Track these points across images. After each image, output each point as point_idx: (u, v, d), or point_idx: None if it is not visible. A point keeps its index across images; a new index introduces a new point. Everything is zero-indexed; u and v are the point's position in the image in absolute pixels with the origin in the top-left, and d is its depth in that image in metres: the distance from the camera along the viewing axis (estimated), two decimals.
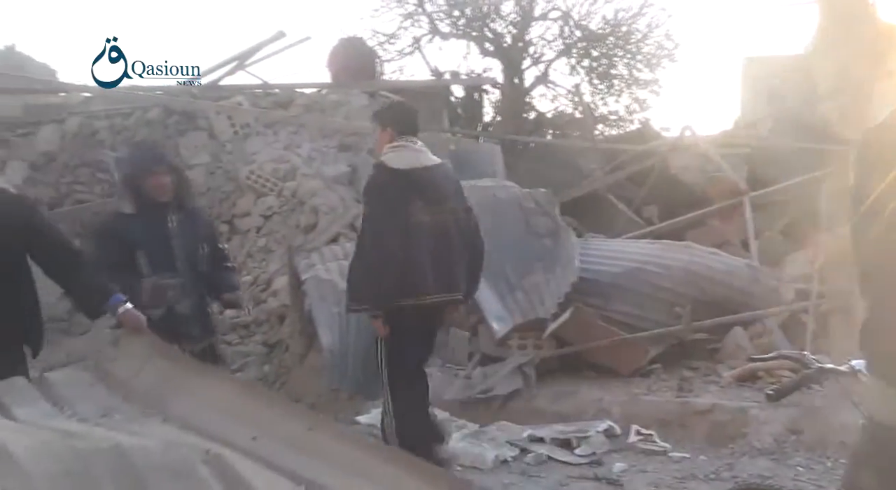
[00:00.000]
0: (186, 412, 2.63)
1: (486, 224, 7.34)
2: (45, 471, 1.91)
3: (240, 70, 12.81)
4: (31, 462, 1.92)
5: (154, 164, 4.26)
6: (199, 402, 2.73)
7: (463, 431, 5.41)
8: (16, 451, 1.94)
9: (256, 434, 2.40)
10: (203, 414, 2.61)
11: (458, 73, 18.49)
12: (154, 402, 2.77)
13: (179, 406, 2.70)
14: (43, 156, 11.19)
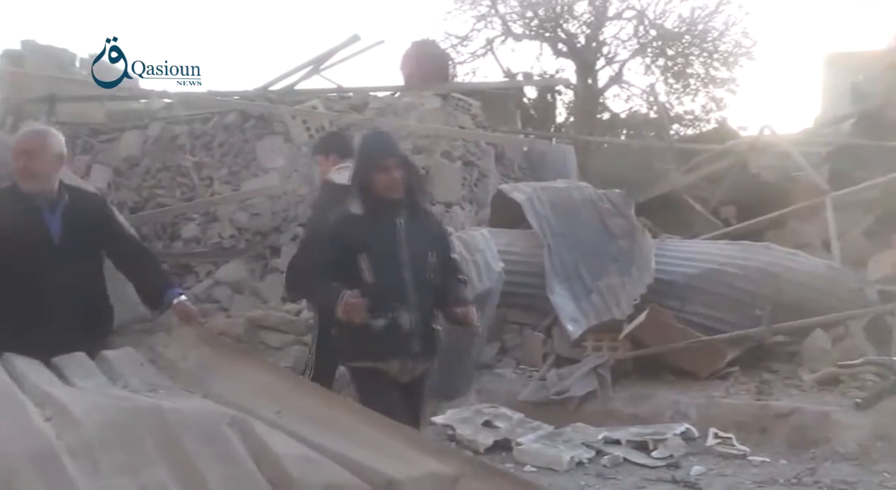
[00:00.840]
0: (223, 391, 3.01)
1: (560, 225, 7.38)
2: (95, 422, 2.42)
3: (315, 74, 12.98)
4: (84, 416, 2.46)
5: (384, 157, 3.69)
6: (234, 382, 3.11)
7: (538, 432, 5.40)
8: (72, 407, 2.52)
9: (280, 409, 2.80)
10: (237, 392, 2.99)
11: (530, 74, 18.46)
12: (196, 382, 3.16)
13: (218, 386, 3.08)
14: (125, 161, 11.50)
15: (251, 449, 2.44)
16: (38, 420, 2.49)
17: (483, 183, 10.96)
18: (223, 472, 2.35)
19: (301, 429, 2.64)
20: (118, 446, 2.39)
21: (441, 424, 5.69)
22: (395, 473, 2.40)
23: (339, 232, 3.69)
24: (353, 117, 11.53)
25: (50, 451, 2.32)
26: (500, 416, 5.70)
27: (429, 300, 3.73)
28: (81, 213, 3.93)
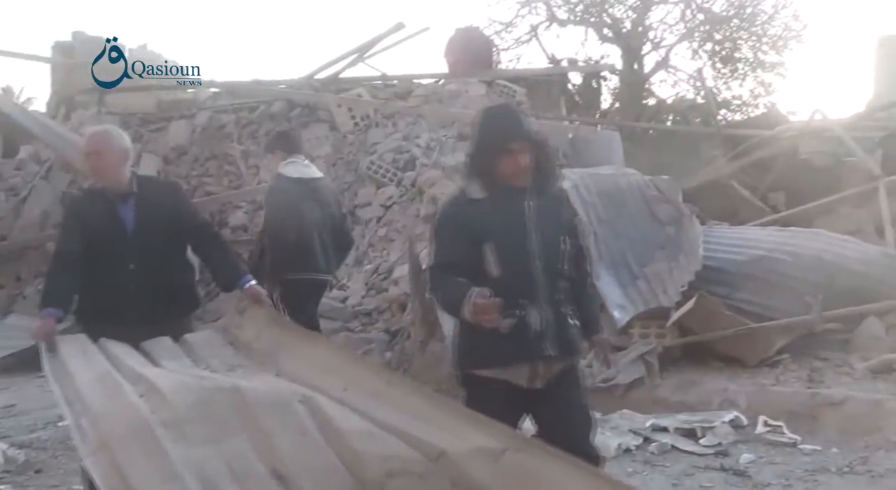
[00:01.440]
0: (293, 369, 3.34)
1: (606, 212, 7.33)
2: (182, 400, 2.80)
3: (360, 62, 13.04)
4: (173, 395, 2.83)
5: (510, 139, 3.20)
6: (304, 361, 3.42)
7: None
8: (162, 386, 2.90)
9: (346, 386, 3.07)
10: (306, 370, 3.30)
11: (575, 60, 18.35)
12: (269, 361, 3.50)
13: (288, 364, 3.41)
14: (174, 150, 11.69)
15: (319, 424, 2.72)
16: (134, 397, 2.90)
17: None
18: (294, 443, 2.63)
19: (364, 405, 2.90)
20: (203, 420, 2.73)
21: None
22: (446, 446, 2.60)
23: (457, 220, 3.20)
24: (397, 105, 11.58)
25: (146, 425, 2.68)
26: None
27: (562, 294, 3.22)
28: (153, 202, 4.16)
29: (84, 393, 3.05)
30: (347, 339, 8.07)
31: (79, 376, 3.21)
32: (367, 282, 9.27)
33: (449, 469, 2.55)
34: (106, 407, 2.88)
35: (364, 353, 7.61)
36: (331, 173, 10.94)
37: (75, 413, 2.95)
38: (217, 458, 2.59)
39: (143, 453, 2.58)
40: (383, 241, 9.91)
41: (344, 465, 2.59)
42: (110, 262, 4.07)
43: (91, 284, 4.05)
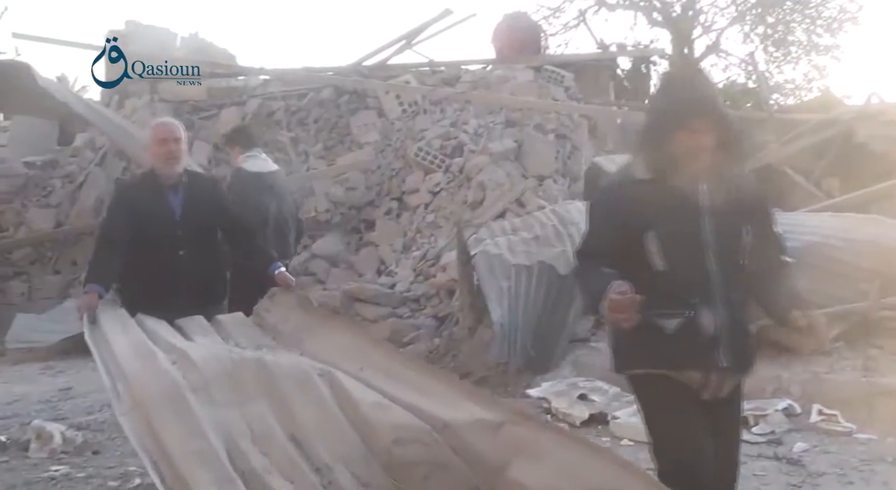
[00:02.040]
0: (316, 350, 3.59)
1: None
2: (211, 369, 3.08)
3: (407, 49, 13.06)
4: (202, 363, 3.11)
5: (692, 114, 2.74)
6: (326, 343, 3.67)
7: (634, 407, 5.35)
8: (194, 357, 3.18)
9: (363, 365, 3.34)
10: (327, 351, 3.55)
11: (624, 44, 18.20)
12: (294, 341, 3.76)
13: (312, 345, 3.67)
14: (224, 136, 11.80)
15: (336, 395, 3.03)
16: (167, 364, 3.16)
17: (576, 156, 10.86)
18: (312, 411, 2.95)
19: (377, 381, 3.19)
20: (228, 386, 3.04)
21: (536, 397, 5.70)
22: (450, 418, 2.88)
23: (615, 203, 2.79)
24: (445, 91, 11.58)
25: (176, 388, 2.96)
26: (595, 390, 5.67)
27: (741, 294, 2.80)
28: (197, 193, 4.48)
29: (120, 359, 3.35)
30: (395, 324, 8.11)
31: (116, 345, 3.51)
32: (414, 268, 9.30)
33: (451, 439, 2.82)
34: (140, 372, 3.17)
35: (412, 338, 7.65)
36: (378, 159, 10.99)
37: (112, 377, 3.26)
38: (239, 420, 2.90)
39: (173, 413, 2.85)
40: (431, 228, 9.93)
41: (356, 432, 2.89)
42: (159, 246, 4.33)
43: (138, 266, 4.30)
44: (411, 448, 2.80)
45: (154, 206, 4.39)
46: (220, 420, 2.86)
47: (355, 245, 10.57)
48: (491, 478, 2.73)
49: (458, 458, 2.80)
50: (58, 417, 5.84)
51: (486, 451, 2.77)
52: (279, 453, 2.81)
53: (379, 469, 2.80)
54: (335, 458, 2.81)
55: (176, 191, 4.43)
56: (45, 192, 11.22)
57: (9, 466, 4.78)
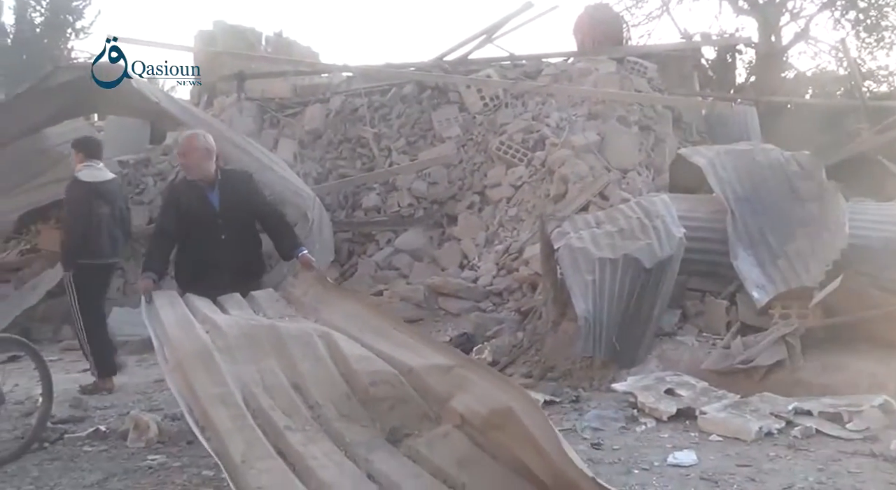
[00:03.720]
0: (328, 316, 4.66)
1: (744, 189, 7.12)
2: (235, 335, 4.20)
3: (488, 43, 13.06)
4: (228, 331, 4.25)
5: None
6: (336, 310, 4.73)
7: (723, 401, 5.27)
8: (223, 326, 4.32)
9: (361, 327, 4.37)
10: (336, 317, 4.62)
11: (708, 34, 17.81)
12: (311, 311, 4.83)
13: (325, 313, 4.74)
14: (309, 133, 12.00)
15: (330, 351, 4.03)
16: (201, 332, 4.30)
17: (660, 148, 10.72)
18: (310, 364, 3.96)
19: (368, 340, 4.19)
20: (247, 347, 4.11)
21: (622, 391, 5.65)
22: (414, 364, 3.80)
23: None
24: (526, 84, 11.54)
25: (207, 350, 4.06)
26: (682, 384, 5.60)
27: None
28: (233, 187, 5.44)
29: (167, 329, 4.43)
30: (478, 318, 8.14)
31: (165, 319, 4.56)
32: (497, 262, 9.31)
33: (413, 380, 3.74)
34: (180, 338, 4.26)
35: (495, 332, 7.67)
36: (460, 154, 11.02)
37: (160, 343, 4.37)
38: (254, 373, 3.91)
39: (203, 369, 3.90)
40: (513, 221, 9.92)
41: (342, 378, 3.86)
42: (204, 235, 5.31)
43: (188, 253, 5.40)
44: (382, 388, 3.73)
45: (197, 201, 5.36)
46: (238, 373, 3.88)
47: (438, 239, 10.63)
48: (438, 406, 3.58)
49: (416, 394, 3.68)
50: (153, 408, 6.02)
51: (437, 387, 3.62)
52: (282, 396, 3.77)
53: (357, 404, 3.72)
54: (324, 397, 3.75)
55: (213, 188, 5.38)
56: (139, 189, 11.57)
57: (109, 455, 4.96)
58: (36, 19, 26.14)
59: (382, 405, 3.66)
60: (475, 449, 3.24)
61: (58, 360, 8.20)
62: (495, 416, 3.14)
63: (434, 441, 3.39)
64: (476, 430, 3.28)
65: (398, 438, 3.52)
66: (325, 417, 3.64)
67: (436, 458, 3.28)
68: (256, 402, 3.68)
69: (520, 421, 2.97)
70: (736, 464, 4.33)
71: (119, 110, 11.82)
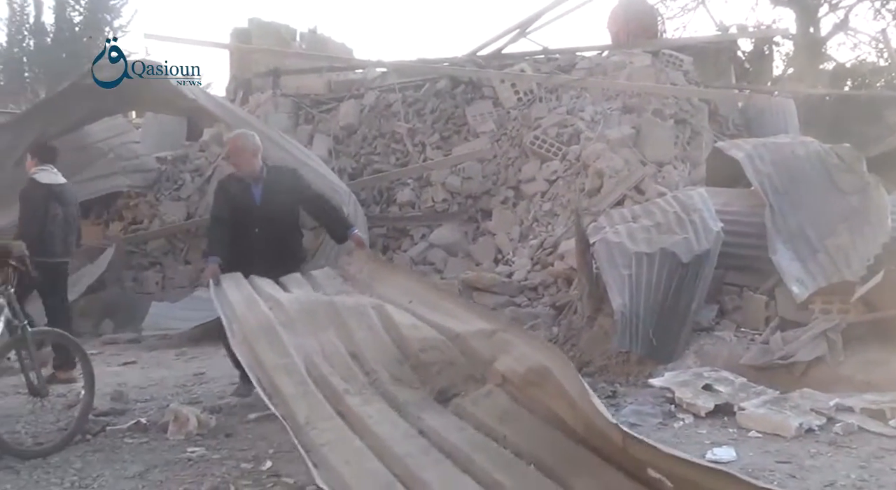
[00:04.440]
0: (381, 291, 5.08)
1: (783, 183, 7.04)
2: (295, 310, 4.65)
3: (522, 37, 13.02)
4: (289, 306, 4.71)
5: None
6: (388, 285, 5.16)
7: (762, 397, 5.21)
8: (284, 302, 4.78)
9: (412, 299, 4.81)
10: (388, 291, 5.05)
11: (745, 25, 17.64)
12: (366, 286, 5.28)
13: (379, 288, 5.16)
14: (344, 129, 12.03)
15: (383, 321, 4.46)
16: (265, 308, 4.75)
17: (696, 141, 10.63)
18: (365, 333, 4.41)
19: (417, 310, 4.62)
20: (307, 320, 4.57)
21: (659, 386, 5.61)
22: (460, 330, 4.22)
23: None
24: (561, 78, 11.50)
25: (270, 324, 4.51)
26: (721, 380, 5.54)
27: None
28: (276, 183, 5.90)
29: (235, 307, 4.83)
30: (513, 313, 8.12)
31: (232, 298, 4.98)
32: (532, 256, 9.29)
33: (459, 344, 4.15)
34: (247, 315, 4.69)
35: (530, 327, 7.65)
36: (494, 149, 11.00)
37: (229, 320, 4.73)
38: (314, 343, 4.35)
39: (268, 341, 4.35)
40: (548, 216, 9.89)
41: (395, 345, 4.28)
42: (244, 226, 5.77)
43: (231, 241, 5.76)
44: (431, 353, 4.12)
45: (240, 195, 5.85)
46: (300, 344, 4.31)
47: (472, 234, 10.62)
48: (482, 368, 3.94)
49: (462, 357, 4.07)
50: (192, 401, 6.08)
51: (481, 350, 4.01)
52: (341, 363, 4.19)
53: (409, 369, 4.13)
54: (378, 363, 4.15)
55: (257, 183, 5.86)
56: (177, 185, 11.68)
57: (150, 447, 5.01)
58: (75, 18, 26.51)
59: (432, 369, 4.05)
60: (514, 404, 3.60)
61: (98, 353, 8.30)
62: (532, 373, 3.51)
63: (478, 399, 3.77)
64: (515, 388, 3.64)
65: (447, 398, 3.89)
66: (379, 381, 4.03)
67: (479, 413, 3.64)
68: (317, 370, 4.10)
69: (555, 378, 3.30)
70: (776, 460, 4.28)
71: (157, 107, 11.94)
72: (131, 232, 11.24)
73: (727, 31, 17.12)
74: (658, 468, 2.65)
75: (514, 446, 3.32)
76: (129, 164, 11.41)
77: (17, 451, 4.83)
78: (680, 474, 2.56)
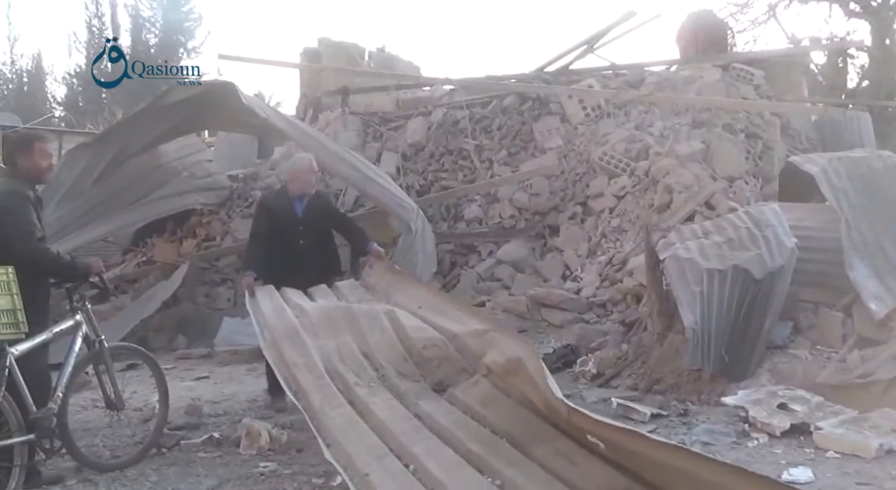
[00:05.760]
0: (397, 299, 5.72)
1: (859, 197, 6.89)
2: (318, 316, 5.38)
3: (589, 53, 12.98)
4: (313, 313, 5.45)
5: None
6: (403, 293, 5.81)
7: (840, 417, 5.10)
8: (307, 308, 5.58)
9: (421, 305, 5.45)
10: (403, 298, 5.69)
11: (818, 38, 17.30)
12: (384, 295, 5.91)
13: (395, 296, 5.81)
14: (411, 146, 12.12)
15: (393, 324, 5.10)
16: (291, 316, 5.45)
17: (768, 155, 10.46)
18: (377, 336, 5.03)
19: (425, 314, 5.25)
20: (327, 325, 5.25)
21: (732, 405, 5.52)
22: (457, 330, 4.87)
23: None
24: (629, 94, 11.44)
25: (295, 329, 5.20)
26: (796, 399, 5.44)
27: None
28: (315, 204, 6.69)
29: (266, 316, 5.53)
30: (582, 329, 8.07)
31: (265, 308, 5.68)
32: (600, 273, 9.22)
33: (456, 343, 4.78)
34: (276, 322, 5.39)
35: (599, 344, 7.59)
36: (562, 165, 10.98)
37: (261, 327, 5.45)
38: (333, 345, 4.98)
39: (292, 344, 5.03)
40: (616, 232, 9.81)
41: (401, 343, 4.91)
42: (288, 239, 6.45)
43: (275, 253, 6.41)
44: (432, 350, 4.76)
45: (286, 211, 6.56)
46: (320, 345, 4.96)
47: (540, 250, 10.59)
48: (474, 362, 4.56)
49: (458, 353, 4.70)
50: (263, 416, 6.16)
51: (474, 347, 4.63)
52: (354, 361, 4.83)
53: (412, 364, 4.75)
54: (387, 361, 4.79)
55: (301, 201, 6.60)
56: (248, 203, 11.87)
57: (223, 461, 5.11)
58: (150, 40, 27.35)
59: (432, 364, 4.70)
60: (495, 390, 4.25)
61: (172, 367, 8.48)
62: (511, 363, 4.10)
63: (467, 388, 4.42)
64: (497, 377, 4.29)
65: (442, 388, 4.54)
66: (386, 376, 4.69)
67: (467, 399, 4.30)
68: (333, 366, 4.75)
69: (525, 366, 3.87)
70: (855, 482, 4.19)
71: (229, 126, 12.20)
72: (204, 249, 11.44)
73: (799, 43, 16.83)
74: (594, 434, 3.26)
75: (491, 425, 3.95)
76: (202, 183, 11.66)
77: (95, 464, 4.99)
78: (609, 437, 3.17)
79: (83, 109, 28.06)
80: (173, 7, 30.45)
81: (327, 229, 6.74)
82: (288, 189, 6.75)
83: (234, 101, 9.06)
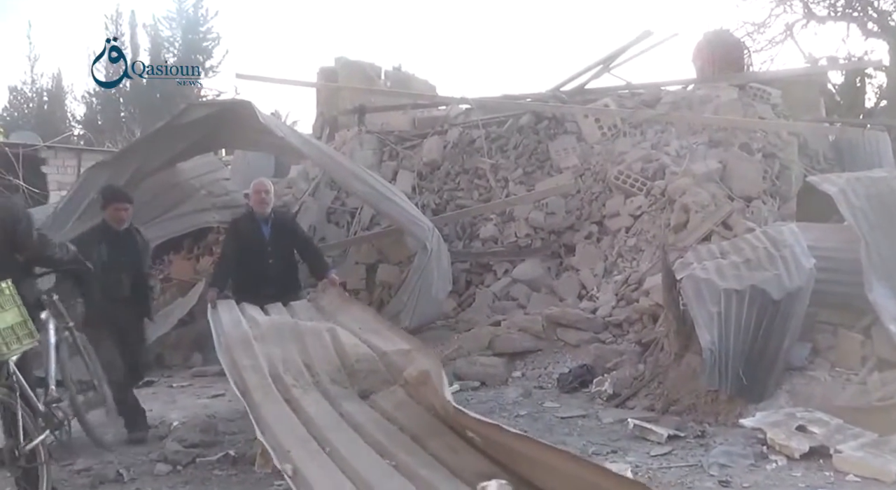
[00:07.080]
0: (342, 319, 6.47)
1: (878, 218, 6.84)
2: (268, 328, 6.11)
3: (605, 72, 12.98)
4: (264, 325, 6.19)
5: None
6: (348, 314, 6.64)
7: (860, 440, 5.04)
8: (261, 322, 6.29)
9: (361, 326, 6.27)
10: (345, 319, 6.49)
11: (835, 57, 17.28)
12: (331, 315, 6.63)
13: (341, 316, 6.59)
14: (427, 165, 12.12)
15: (333, 340, 5.88)
16: (246, 327, 6.14)
17: (785, 175, 10.40)
18: (318, 349, 5.79)
19: (363, 334, 6.06)
20: (275, 336, 5.94)
21: (750, 427, 5.47)
22: (387, 349, 5.69)
23: None
24: (645, 113, 11.43)
25: (247, 337, 5.88)
26: (815, 421, 5.38)
27: None
28: (281, 223, 7.33)
29: (224, 326, 6.18)
30: (598, 349, 8.03)
31: (224, 319, 6.32)
32: (616, 292, 9.18)
33: (384, 359, 5.58)
34: (231, 331, 6.07)
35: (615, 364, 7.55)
36: (578, 184, 10.96)
37: (218, 334, 6.03)
38: (279, 353, 5.65)
39: (243, 350, 5.67)
40: (632, 252, 9.78)
41: (337, 356, 5.69)
42: (256, 258, 7.04)
43: (244, 272, 7.05)
44: (363, 364, 5.57)
45: (253, 232, 7.14)
46: (267, 352, 5.63)
47: (555, 270, 10.55)
48: (397, 375, 5.32)
49: (384, 368, 5.50)
50: None
51: (398, 362, 5.43)
52: (295, 368, 5.53)
53: (345, 375, 5.51)
54: (323, 370, 5.53)
55: (266, 222, 7.17)
56: None
57: (238, 479, 5.11)
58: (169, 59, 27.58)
59: (360, 375, 5.50)
60: (408, 398, 5.04)
61: (188, 385, 8.49)
62: (421, 376, 4.90)
63: (386, 395, 5.20)
64: (411, 387, 5.06)
65: (366, 395, 5.30)
66: (320, 382, 5.43)
67: (384, 404, 5.08)
68: (276, 370, 5.43)
69: (430, 377, 4.73)
70: None
71: (246, 145, 12.24)
72: None
73: (817, 63, 16.79)
74: (471, 429, 4.18)
75: (399, 424, 4.75)
76: (219, 201, 11.67)
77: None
78: (482, 431, 4.07)
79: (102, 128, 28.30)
80: (192, 27, 30.81)
81: (292, 249, 7.34)
82: (254, 211, 7.29)
83: (252, 119, 9.10)
